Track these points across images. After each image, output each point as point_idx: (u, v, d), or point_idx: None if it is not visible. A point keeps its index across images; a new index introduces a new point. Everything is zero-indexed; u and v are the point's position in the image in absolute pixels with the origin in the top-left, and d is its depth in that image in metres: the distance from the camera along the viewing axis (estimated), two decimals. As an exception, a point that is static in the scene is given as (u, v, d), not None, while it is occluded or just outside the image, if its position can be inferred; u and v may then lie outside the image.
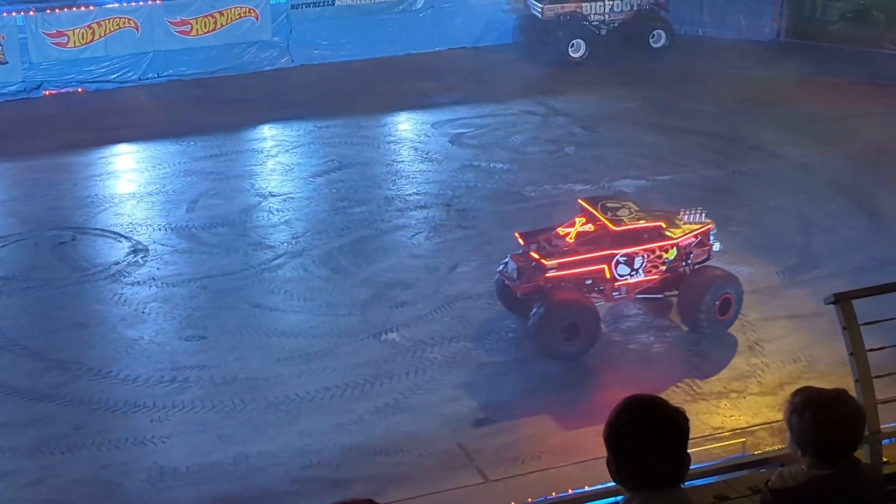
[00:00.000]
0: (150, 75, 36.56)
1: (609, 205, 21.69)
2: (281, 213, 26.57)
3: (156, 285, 22.99)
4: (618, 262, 20.88)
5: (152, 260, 24.09)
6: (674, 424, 5.26)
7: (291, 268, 23.79)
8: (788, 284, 22.94)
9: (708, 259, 21.81)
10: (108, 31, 35.71)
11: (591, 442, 14.42)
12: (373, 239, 25.25)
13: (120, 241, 25.01)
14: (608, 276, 20.93)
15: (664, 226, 21.27)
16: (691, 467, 5.50)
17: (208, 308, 22.18)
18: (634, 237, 21.03)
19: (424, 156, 30.24)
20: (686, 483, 5.59)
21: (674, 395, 19.17)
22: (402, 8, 39.34)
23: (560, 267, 20.53)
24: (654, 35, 39.01)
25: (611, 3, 38.91)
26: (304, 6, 38.16)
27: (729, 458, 15.58)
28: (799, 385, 17.63)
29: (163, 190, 27.99)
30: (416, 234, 25.47)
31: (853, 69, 34.74)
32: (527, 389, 19.54)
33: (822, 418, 5.41)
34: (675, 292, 21.33)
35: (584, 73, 36.77)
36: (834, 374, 18.00)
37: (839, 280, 22.37)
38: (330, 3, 38.40)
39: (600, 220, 21.13)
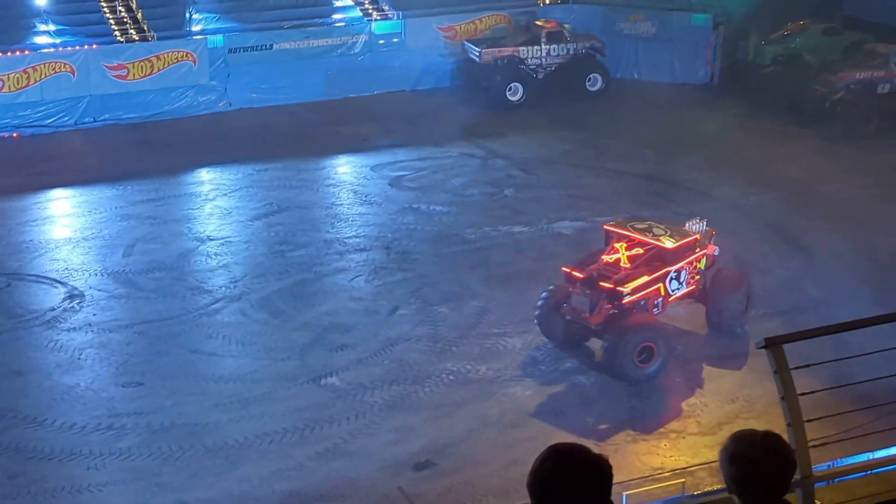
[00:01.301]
0: (86, 120, 36.29)
1: (639, 226, 22.49)
2: (219, 257, 26.43)
3: (92, 331, 22.73)
4: (671, 278, 21.89)
5: (88, 305, 23.83)
6: (596, 471, 5.24)
7: (230, 312, 23.64)
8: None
9: (714, 263, 23.11)
10: (43, 76, 35.44)
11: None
12: (312, 282, 25.18)
13: (55, 287, 24.71)
14: (663, 292, 21.87)
15: (699, 238, 22.51)
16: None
17: (145, 354, 21.96)
18: (682, 252, 22.12)
19: (364, 199, 30.27)
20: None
21: (614, 436, 19.28)
22: (340, 52, 39.46)
23: (633, 291, 21.19)
24: (590, 79, 39.46)
25: (548, 47, 39.32)
26: (241, 50, 38.14)
27: (669, 498, 15.73)
28: (737, 424, 17.85)
29: (99, 235, 27.73)
30: (356, 277, 25.44)
31: (783, 111, 35.37)
32: (467, 432, 19.52)
33: (751, 462, 5.46)
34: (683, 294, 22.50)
35: (523, 116, 37.08)
36: (771, 414, 18.16)
37: (775, 320, 22.70)
38: (268, 47, 38.43)
39: (647, 242, 21.91)
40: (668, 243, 21.82)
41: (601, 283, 21.15)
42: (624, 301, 21.03)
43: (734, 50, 40.53)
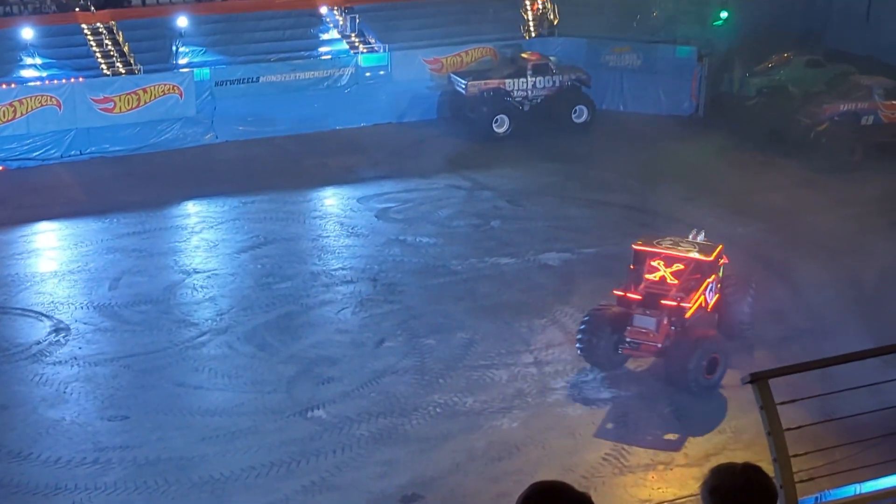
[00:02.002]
0: (72, 153, 36.28)
1: (665, 243, 23.14)
2: (205, 289, 26.39)
3: (78, 365, 22.65)
4: (709, 289, 22.67)
5: (74, 339, 23.75)
6: None
7: (216, 345, 23.59)
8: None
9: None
10: (30, 109, 35.43)
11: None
12: (298, 315, 25.15)
13: (41, 321, 24.63)
14: (704, 303, 22.52)
15: (722, 247, 23.29)
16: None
17: (131, 387, 21.89)
18: (717, 263, 22.97)
19: (350, 231, 30.29)
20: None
21: (601, 468, 19.26)
22: (326, 84, 39.57)
23: (693, 305, 22.00)
24: (576, 111, 39.62)
25: (534, 79, 39.48)
26: (228, 83, 38.22)
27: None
28: (725, 456, 17.84)
29: (85, 268, 27.67)
30: (343, 309, 25.42)
31: (768, 143, 35.53)
32: (454, 465, 19.47)
33: (731, 493, 5.45)
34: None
35: (509, 148, 37.17)
36: (759, 445, 18.08)
37: (761, 351, 22.77)
38: (254, 79, 38.50)
39: (684, 257, 22.55)
40: (704, 256, 22.53)
41: (662, 302, 21.74)
42: (686, 316, 21.75)
43: (719, 82, 40.80)
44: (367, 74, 40.20)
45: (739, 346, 22.96)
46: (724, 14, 41.57)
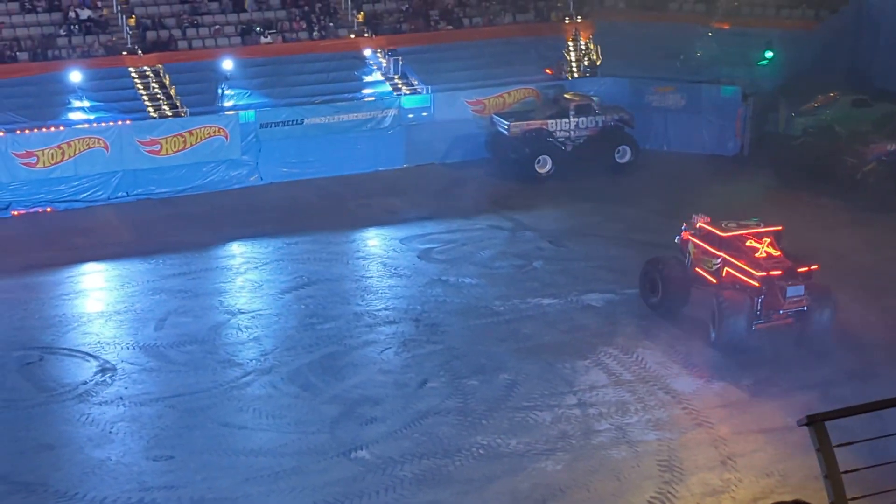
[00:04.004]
0: (119, 194, 36.71)
1: (726, 223, 26.54)
2: (249, 329, 26.50)
3: (123, 405, 22.77)
4: None
5: (120, 379, 23.91)
6: None
7: (260, 385, 23.65)
8: (759, 398, 22.96)
9: None
10: (77, 151, 35.92)
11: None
12: (342, 355, 25.18)
13: (88, 361, 24.82)
14: None
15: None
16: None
17: (176, 427, 21.95)
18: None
19: (393, 271, 30.35)
20: None
21: (647, 511, 19.04)
22: (370, 126, 39.83)
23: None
24: (619, 151, 39.62)
25: (576, 119, 39.54)
26: (273, 125, 38.57)
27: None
28: (772, 500, 17.55)
29: (131, 308, 27.89)
30: (386, 349, 25.42)
31: (814, 183, 35.29)
32: (498, 507, 19.33)
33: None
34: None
35: (551, 189, 37.20)
36: (808, 489, 17.95)
37: (809, 393, 22.49)
38: (299, 122, 38.84)
39: (764, 230, 25.94)
40: (777, 227, 26.06)
41: (799, 270, 24.56)
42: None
43: (764, 122, 40.63)
44: (410, 116, 40.45)
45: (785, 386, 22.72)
46: (769, 54, 41.50)
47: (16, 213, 35.45)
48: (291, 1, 43.19)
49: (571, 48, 44.62)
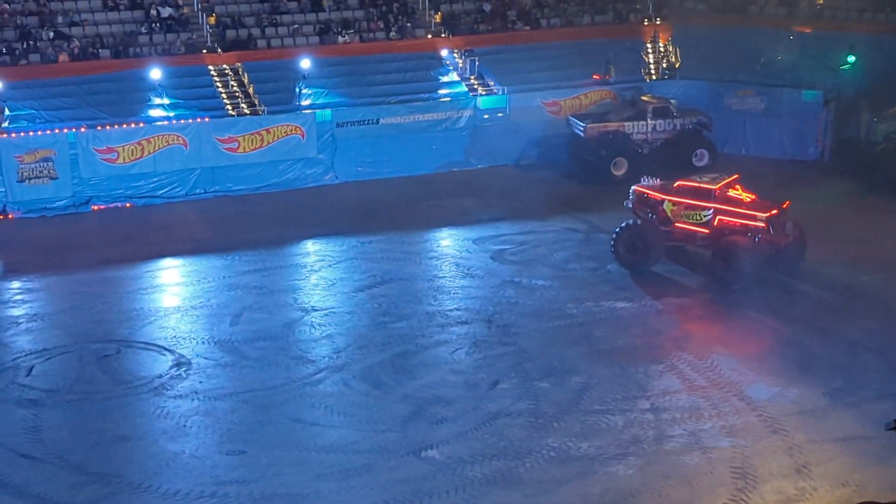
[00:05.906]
0: (197, 191, 37.17)
1: (707, 178, 30.62)
2: (323, 327, 26.66)
3: (198, 399, 23.02)
4: None
5: (195, 373, 24.18)
6: None
7: (332, 382, 23.77)
8: (835, 406, 22.59)
9: None
10: (157, 148, 36.44)
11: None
12: (413, 354, 25.23)
13: (164, 355, 25.15)
14: None
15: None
16: None
17: (249, 422, 22.14)
18: None
19: (466, 272, 30.35)
20: None
21: (719, 519, 18.82)
22: (444, 126, 39.90)
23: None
24: (696, 154, 39.29)
25: (653, 122, 39.26)
26: (349, 124, 38.80)
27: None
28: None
29: (207, 304, 28.22)
30: (457, 349, 25.42)
31: (895, 189, 34.64)
32: (568, 510, 19.23)
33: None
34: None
35: (627, 192, 36.84)
36: (884, 500, 17.61)
37: (886, 402, 22.08)
38: (374, 121, 39.02)
39: (730, 180, 30.09)
40: (734, 176, 30.42)
41: (784, 207, 28.88)
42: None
43: (845, 127, 39.99)
44: (486, 116, 40.47)
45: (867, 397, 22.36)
46: (851, 58, 40.83)
47: (96, 208, 36.07)
48: (369, 1, 43.42)
49: (650, 50, 44.32)
